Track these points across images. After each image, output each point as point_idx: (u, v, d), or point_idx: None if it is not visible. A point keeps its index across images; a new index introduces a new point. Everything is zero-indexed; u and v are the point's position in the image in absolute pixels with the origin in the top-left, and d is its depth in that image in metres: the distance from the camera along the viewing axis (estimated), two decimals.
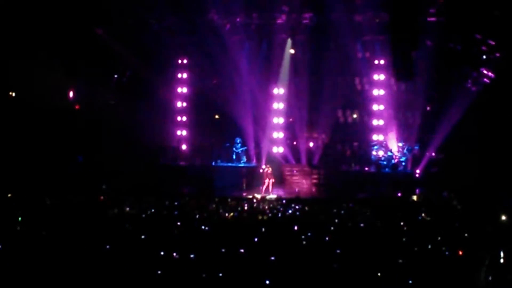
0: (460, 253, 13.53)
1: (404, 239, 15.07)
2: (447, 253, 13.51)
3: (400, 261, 12.54)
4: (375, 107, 33.85)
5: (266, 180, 30.45)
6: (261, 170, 32.04)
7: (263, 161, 33.13)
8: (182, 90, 35.40)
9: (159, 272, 11.47)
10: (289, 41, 34.44)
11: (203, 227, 16.57)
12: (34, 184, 25.34)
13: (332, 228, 17.14)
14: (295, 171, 32.95)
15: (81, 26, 30.30)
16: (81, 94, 32.13)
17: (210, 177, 31.96)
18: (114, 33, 31.89)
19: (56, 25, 29.14)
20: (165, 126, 34.22)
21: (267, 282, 11.10)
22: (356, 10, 31.65)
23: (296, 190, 30.87)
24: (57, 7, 28.95)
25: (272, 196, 28.59)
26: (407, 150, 32.58)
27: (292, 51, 34.70)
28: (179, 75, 35.51)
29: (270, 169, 30.86)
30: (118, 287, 10.97)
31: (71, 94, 32.00)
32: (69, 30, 29.76)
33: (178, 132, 35.15)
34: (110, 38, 31.85)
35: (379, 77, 33.80)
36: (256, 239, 14.45)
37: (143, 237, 14.59)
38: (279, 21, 33.18)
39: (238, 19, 33.18)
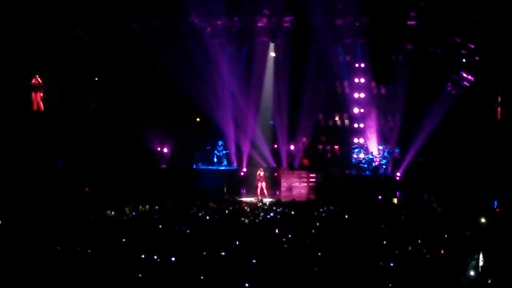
0: (440, 255, 13.61)
1: (384, 242, 15.12)
2: (427, 255, 13.58)
3: (381, 263, 12.59)
4: (355, 110, 33.92)
5: (259, 184, 30.44)
6: (241, 173, 32.13)
7: (244, 164, 33.14)
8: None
9: (140, 275, 11.45)
10: (272, 44, 34.48)
11: (184, 230, 16.55)
12: (14, 188, 25.17)
13: (313, 231, 17.18)
14: (275, 174, 32.86)
15: (61, 28, 30.22)
16: (62, 97, 31.93)
17: (191, 180, 31.89)
18: (95, 35, 31.80)
19: (37, 26, 29.10)
20: (146, 129, 34.03)
21: (247, 285, 11.11)
22: (337, 13, 31.79)
23: (277, 193, 30.89)
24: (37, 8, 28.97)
25: (267, 199, 28.47)
26: (387, 153, 32.69)
27: (273, 54, 34.76)
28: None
29: (263, 172, 30.84)
30: None
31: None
32: (49, 31, 29.69)
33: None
34: (91, 40, 31.75)
35: (360, 80, 33.82)
36: (237, 242, 14.45)
37: (124, 240, 14.55)
38: (260, 24, 33.26)
39: (219, 22, 33.22)
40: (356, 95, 33.92)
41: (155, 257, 12.75)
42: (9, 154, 28.41)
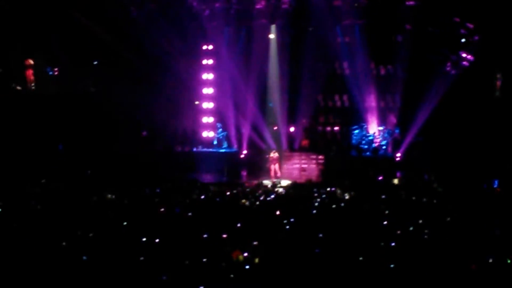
0: (441, 235, 13.62)
1: (385, 223, 15.14)
2: (428, 236, 13.59)
3: (382, 244, 12.61)
4: (354, 91, 33.83)
5: (272, 166, 30.41)
6: (241, 156, 32.20)
7: (244, 146, 33.16)
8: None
9: (141, 258, 11.46)
10: (273, 27, 34.41)
11: (184, 213, 16.56)
12: (14, 172, 25.18)
13: (314, 211, 17.19)
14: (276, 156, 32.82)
15: (59, 10, 30.15)
16: (63, 80, 31.95)
17: (191, 163, 31.91)
18: (92, 18, 31.68)
19: (34, 9, 29.07)
20: (145, 112, 34.03)
21: (247, 267, 11.14)
22: None
23: (278, 174, 30.87)
24: None
25: (282, 181, 28.43)
26: (387, 133, 32.70)
27: (272, 36, 34.70)
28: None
29: (277, 154, 30.78)
30: (100, 273, 10.94)
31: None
32: (47, 14, 29.65)
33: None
34: (88, 23, 31.63)
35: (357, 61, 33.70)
36: (238, 225, 14.47)
37: (125, 223, 14.56)
38: (258, 6, 33.16)
39: (217, 5, 33.10)
40: (354, 76, 33.77)
41: (156, 240, 12.76)
42: (9, 138, 28.44)
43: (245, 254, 11.66)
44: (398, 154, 31.54)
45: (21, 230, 13.69)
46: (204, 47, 35.28)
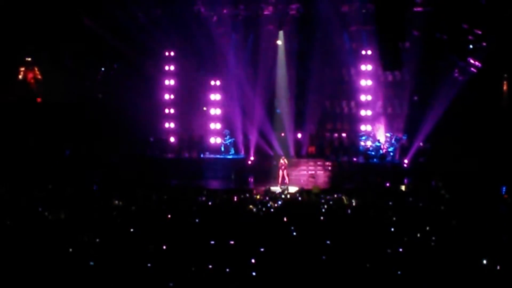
0: (449, 242, 13.60)
1: (392, 229, 15.11)
2: (435, 243, 13.56)
3: (389, 251, 12.59)
4: (362, 97, 33.75)
5: (281, 172, 30.35)
6: (249, 162, 32.22)
7: (252, 152, 33.14)
8: (170, 82, 35.12)
9: (149, 265, 11.47)
10: (281, 33, 34.39)
11: (192, 219, 16.56)
12: (22, 177, 25.23)
13: (321, 218, 17.17)
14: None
15: (68, 17, 30.23)
16: (69, 87, 32.00)
17: (199, 169, 31.95)
18: (101, 25, 31.75)
19: (43, 15, 29.15)
20: (153, 118, 34.07)
21: (254, 273, 11.14)
22: (343, 0, 31.74)
23: (286, 181, 30.85)
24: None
25: (290, 187, 28.42)
26: (395, 140, 32.61)
27: (280, 42, 34.69)
28: (166, 68, 35.14)
29: (286, 160, 30.72)
30: (107, 279, 10.96)
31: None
32: (56, 20, 29.73)
33: (166, 125, 34.96)
34: (97, 29, 31.70)
35: (366, 67, 33.59)
36: (245, 231, 14.46)
37: (132, 230, 14.57)
38: (266, 12, 33.20)
39: (225, 11, 33.16)
40: (363, 83, 33.68)
41: (164, 247, 12.77)
42: (16, 144, 28.54)
43: (252, 261, 11.67)
44: (406, 161, 31.49)
45: (27, 235, 13.71)
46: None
